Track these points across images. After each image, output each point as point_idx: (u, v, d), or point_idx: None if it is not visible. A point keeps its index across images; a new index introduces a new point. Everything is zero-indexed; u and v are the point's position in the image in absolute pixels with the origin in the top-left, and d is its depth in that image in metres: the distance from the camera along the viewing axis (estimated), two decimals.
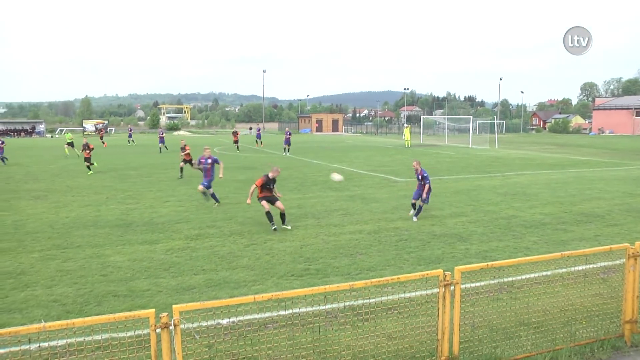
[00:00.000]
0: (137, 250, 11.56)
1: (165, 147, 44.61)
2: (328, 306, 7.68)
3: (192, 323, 6.61)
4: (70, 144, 41.51)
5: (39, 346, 6.48)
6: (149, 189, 21.08)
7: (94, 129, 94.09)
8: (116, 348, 6.39)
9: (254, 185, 13.49)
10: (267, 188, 13.53)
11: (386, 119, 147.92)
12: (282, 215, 13.61)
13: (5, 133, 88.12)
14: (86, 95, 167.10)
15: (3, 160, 33.75)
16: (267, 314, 7.42)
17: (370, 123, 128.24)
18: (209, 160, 17.29)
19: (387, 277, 6.40)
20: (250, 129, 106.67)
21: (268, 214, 13.36)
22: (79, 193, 20.17)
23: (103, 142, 54.66)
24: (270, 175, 13.59)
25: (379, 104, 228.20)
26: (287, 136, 42.05)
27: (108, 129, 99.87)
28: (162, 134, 47.48)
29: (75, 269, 10.27)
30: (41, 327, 4.88)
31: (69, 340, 6.59)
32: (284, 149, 41.14)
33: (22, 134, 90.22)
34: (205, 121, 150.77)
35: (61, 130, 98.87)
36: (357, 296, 7.89)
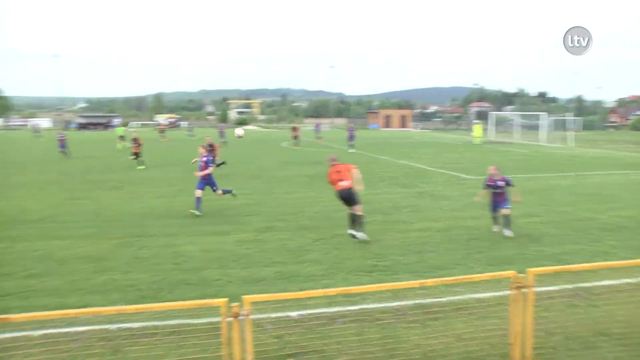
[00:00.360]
0: (208, 241, 11.87)
1: (226, 141, 44.91)
2: (397, 303, 7.64)
3: (263, 314, 6.74)
4: (122, 138, 42.89)
5: (118, 327, 6.78)
6: (218, 182, 21.54)
7: (166, 122, 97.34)
8: (188, 334, 6.61)
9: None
10: None
11: (455, 115, 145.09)
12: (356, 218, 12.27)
13: (84, 126, 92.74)
14: (159, 91, 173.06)
15: (64, 153, 34.72)
16: (336, 309, 7.45)
17: (439, 119, 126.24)
18: (204, 159, 15.95)
19: (458, 277, 6.31)
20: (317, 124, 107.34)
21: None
22: (153, 184, 20.93)
23: (164, 136, 55.76)
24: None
25: (447, 99, 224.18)
26: (351, 132, 41.75)
27: (178, 123, 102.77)
28: (223, 129, 48.08)
29: (149, 257, 10.68)
30: (119, 309, 5.08)
31: (145, 324, 6.88)
32: (349, 145, 40.89)
33: (99, 127, 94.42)
34: (274, 116, 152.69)
35: (135, 124, 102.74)
36: (426, 294, 7.81)
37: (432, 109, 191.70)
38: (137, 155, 28.25)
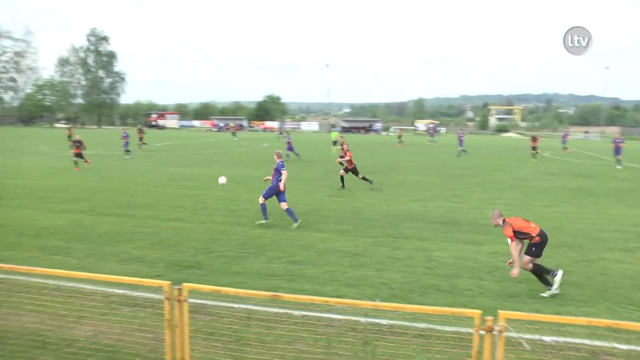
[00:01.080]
0: (461, 249, 11.69)
1: (465, 150, 43.11)
2: None
3: (514, 333, 6.35)
4: (334, 143, 43.56)
5: (369, 321, 7.06)
6: (475, 190, 21.16)
7: (424, 128, 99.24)
8: (436, 339, 6.55)
9: (513, 244, 8.99)
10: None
11: None
12: None
13: (348, 130, 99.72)
14: (419, 97, 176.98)
15: (295, 154, 36.03)
16: (599, 343, 6.64)
17: None
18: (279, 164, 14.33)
19: None
20: (586, 132, 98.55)
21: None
22: (409, 188, 21.41)
23: (401, 141, 55.62)
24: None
25: None
26: (618, 144, 36.21)
27: (437, 128, 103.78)
28: (462, 137, 45.60)
29: (402, 258, 10.93)
30: (375, 304, 5.26)
31: (394, 322, 7.03)
32: (617, 160, 35.58)
33: (362, 130, 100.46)
34: (536, 123, 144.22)
35: (395, 129, 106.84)
36: None
37: None
38: (343, 157, 29.03)
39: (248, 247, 11.76)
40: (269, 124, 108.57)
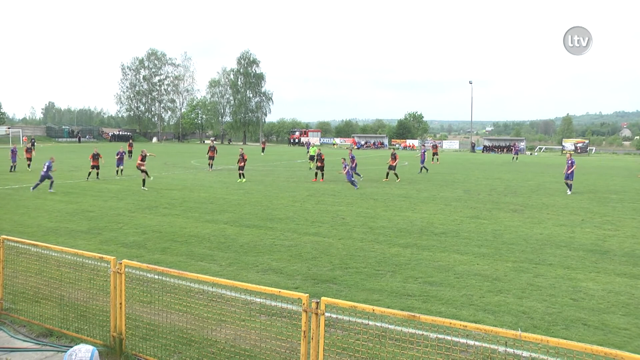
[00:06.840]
0: (613, 282, 10.69)
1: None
2: None
3: None
4: (312, 157, 39.83)
5: (507, 351, 6.67)
6: (632, 217, 19.29)
7: (572, 147, 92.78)
8: None
9: None
10: None
11: None
12: None
13: (490, 149, 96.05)
14: (567, 114, 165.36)
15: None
16: None
17: None
18: None
19: None
20: None
21: None
22: (554, 211, 20.11)
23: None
24: None
25: None
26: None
27: (588, 148, 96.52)
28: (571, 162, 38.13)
29: (545, 286, 10.27)
30: (517, 334, 4.98)
31: (535, 355, 6.59)
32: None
33: (505, 150, 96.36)
34: None
35: (540, 149, 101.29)
36: None
37: None
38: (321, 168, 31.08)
39: (385, 264, 11.73)
40: (409, 142, 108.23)
